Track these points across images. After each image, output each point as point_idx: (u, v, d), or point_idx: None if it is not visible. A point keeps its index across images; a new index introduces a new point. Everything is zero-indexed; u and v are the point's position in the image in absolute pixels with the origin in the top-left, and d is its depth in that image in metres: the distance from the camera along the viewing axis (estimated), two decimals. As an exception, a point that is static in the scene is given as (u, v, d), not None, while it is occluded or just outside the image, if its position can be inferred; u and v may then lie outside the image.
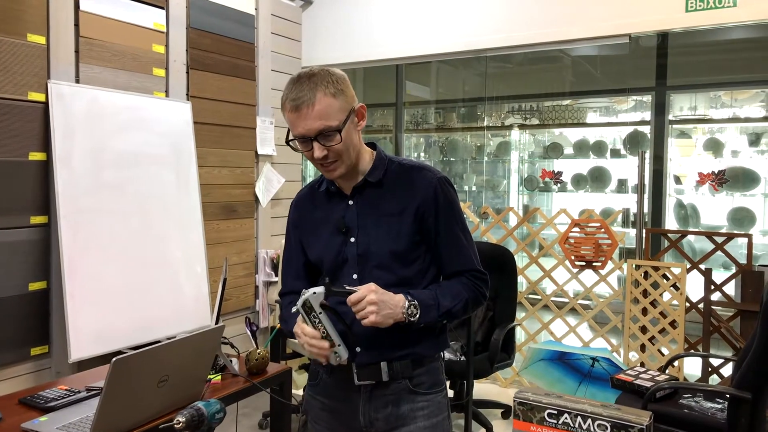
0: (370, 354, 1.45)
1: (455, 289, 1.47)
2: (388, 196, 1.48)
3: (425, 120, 6.47)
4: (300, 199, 1.63)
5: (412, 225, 1.46)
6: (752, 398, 2.33)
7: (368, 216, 1.48)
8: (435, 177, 1.49)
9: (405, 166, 1.52)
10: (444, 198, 1.48)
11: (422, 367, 1.49)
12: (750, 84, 5.29)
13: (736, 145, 5.44)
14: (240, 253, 4.05)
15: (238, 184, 4.00)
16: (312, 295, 1.36)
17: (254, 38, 4.05)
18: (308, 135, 1.37)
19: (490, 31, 4.20)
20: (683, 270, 3.58)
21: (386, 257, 1.45)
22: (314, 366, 1.57)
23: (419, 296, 1.42)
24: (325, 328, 1.37)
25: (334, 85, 1.39)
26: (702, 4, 3.41)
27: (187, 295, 3.45)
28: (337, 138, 1.38)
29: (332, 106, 1.37)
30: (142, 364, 1.54)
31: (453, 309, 1.46)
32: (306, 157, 1.45)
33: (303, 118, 1.36)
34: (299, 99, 1.36)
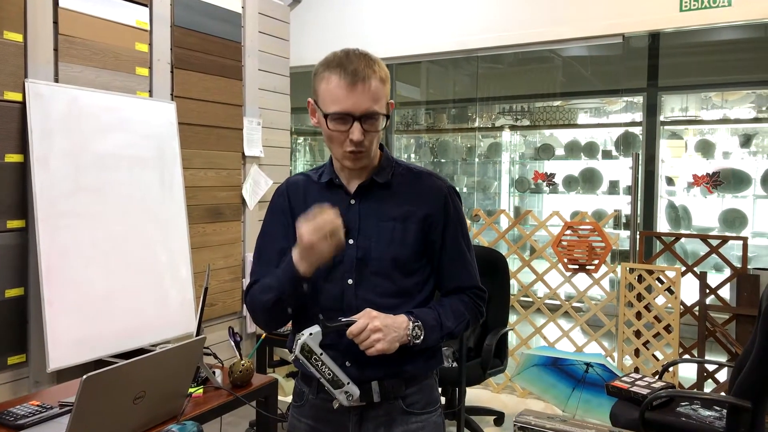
0: (359, 371, 1.35)
1: (457, 309, 1.41)
2: (394, 199, 1.40)
3: (415, 121, 6.41)
4: (292, 185, 1.49)
5: (417, 233, 1.38)
6: (752, 407, 2.27)
7: (371, 218, 1.39)
8: (445, 186, 1.43)
9: (413, 171, 1.44)
10: (454, 209, 1.42)
11: (415, 385, 1.40)
12: (740, 85, 5.26)
13: (727, 147, 5.42)
14: (226, 257, 3.95)
15: (225, 187, 3.90)
16: (309, 337, 1.27)
17: (241, 37, 3.96)
18: (354, 113, 1.27)
19: (481, 30, 4.14)
20: (678, 273, 3.52)
21: (387, 264, 1.36)
22: (299, 385, 1.47)
23: (422, 316, 1.34)
24: (330, 370, 1.28)
25: (384, 71, 1.33)
26: (696, 3, 3.36)
27: (171, 300, 3.35)
28: (379, 124, 1.31)
29: (381, 92, 1.31)
30: (115, 380, 1.45)
31: (455, 330, 1.39)
32: (333, 140, 1.32)
33: (356, 94, 1.26)
34: (357, 73, 1.26)
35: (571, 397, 3.59)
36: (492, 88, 5.99)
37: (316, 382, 1.39)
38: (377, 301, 1.34)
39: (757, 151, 5.36)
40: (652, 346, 3.64)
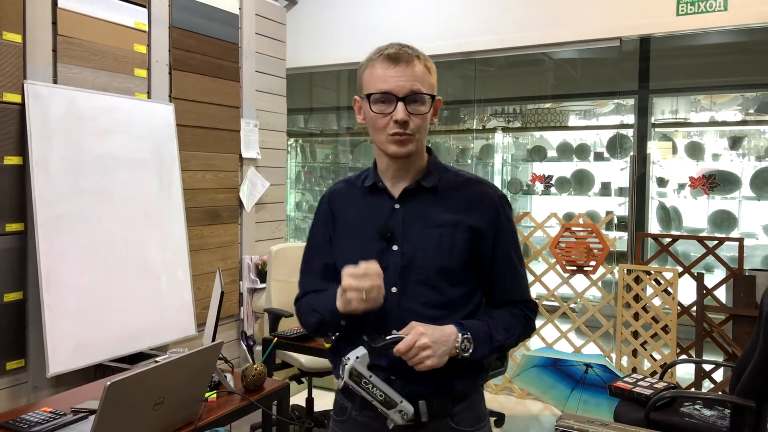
0: (405, 385, 1.28)
1: (508, 322, 1.34)
2: (441, 205, 1.32)
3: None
4: (334, 194, 1.45)
5: (466, 242, 1.30)
6: (756, 406, 2.31)
7: (415, 224, 1.32)
8: (496, 194, 1.36)
9: (462, 177, 1.38)
10: (505, 220, 1.35)
11: (463, 402, 1.34)
12: (728, 88, 5.33)
13: (716, 148, 5.49)
14: (224, 260, 3.92)
15: (222, 189, 3.88)
16: (356, 362, 1.21)
17: (238, 39, 3.94)
18: (397, 93, 1.24)
19: (480, 33, 4.15)
20: (675, 274, 3.56)
21: (433, 273, 1.29)
22: (341, 400, 1.40)
23: (472, 328, 1.28)
24: (382, 391, 1.23)
25: (429, 62, 1.31)
26: (693, 7, 3.40)
27: (170, 303, 3.32)
28: (425, 106, 1.27)
29: (426, 76, 1.28)
30: (137, 386, 1.44)
31: (505, 343, 1.32)
32: (376, 125, 1.28)
33: (398, 73, 1.24)
34: (399, 54, 1.25)
35: (570, 398, 3.61)
36: (484, 90, 6.01)
37: (360, 398, 1.31)
38: (421, 312, 1.28)
39: (745, 153, 5.43)
40: (650, 347, 3.68)
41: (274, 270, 3.47)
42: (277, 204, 4.42)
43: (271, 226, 4.34)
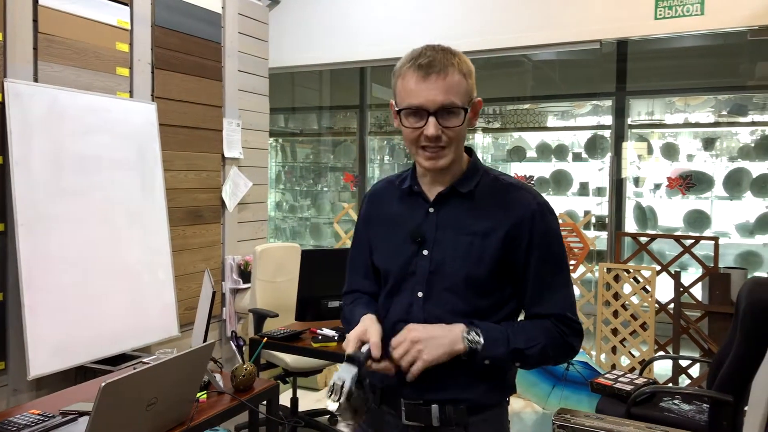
0: (420, 388, 1.26)
1: (531, 331, 1.27)
2: (476, 211, 1.28)
3: (388, 123, 6.43)
4: (375, 194, 1.44)
5: (498, 251, 1.25)
6: (733, 401, 2.37)
7: (448, 229, 1.28)
8: (534, 201, 1.28)
9: (502, 182, 1.32)
10: (542, 227, 1.27)
11: (480, 414, 1.28)
12: (703, 90, 5.45)
13: (690, 149, 5.61)
14: (206, 260, 3.90)
15: (205, 189, 3.86)
16: (350, 382, 1.20)
17: (221, 38, 3.92)
18: (429, 108, 1.19)
19: (461, 35, 4.19)
20: (653, 273, 3.64)
21: (460, 281, 1.25)
22: None
23: (483, 325, 1.23)
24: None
25: (466, 65, 1.23)
26: (670, 11, 3.48)
27: (152, 304, 3.30)
28: (458, 119, 1.21)
29: (461, 85, 1.21)
30: (131, 387, 1.43)
31: (526, 350, 1.24)
32: (408, 137, 1.24)
33: (430, 86, 1.18)
34: (432, 65, 1.18)
35: (551, 395, 3.67)
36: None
37: (379, 390, 1.34)
38: (446, 319, 1.25)
39: (718, 154, 5.56)
40: (629, 344, 3.75)
41: (258, 270, 3.46)
42: (259, 204, 4.40)
43: (253, 226, 4.33)
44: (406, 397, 1.29)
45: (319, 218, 6.97)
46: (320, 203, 6.97)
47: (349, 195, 6.76)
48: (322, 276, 2.73)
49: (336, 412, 1.26)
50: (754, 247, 5.25)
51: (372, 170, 6.36)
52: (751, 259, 5.20)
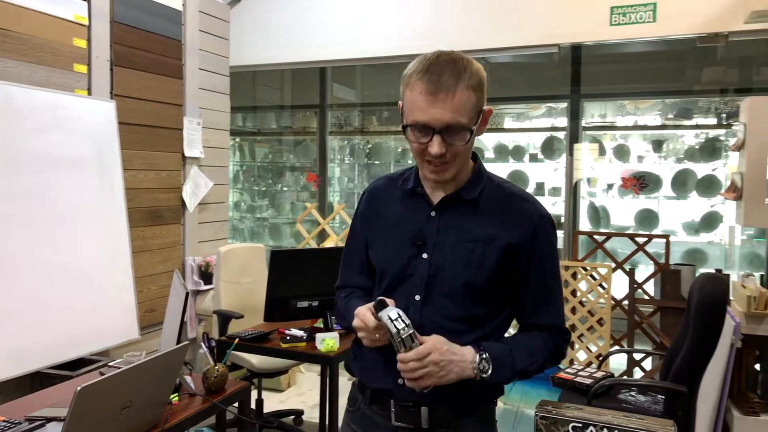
0: (410, 391, 1.26)
1: (534, 345, 1.29)
2: (478, 218, 1.29)
3: (348, 123, 6.44)
4: (374, 191, 1.43)
5: (498, 260, 1.26)
6: (688, 391, 2.49)
7: (450, 235, 1.29)
8: (538, 213, 1.30)
9: (506, 190, 1.33)
10: (543, 240, 1.29)
11: (471, 416, 1.30)
12: (651, 94, 5.66)
13: (640, 151, 5.82)
14: (166, 261, 3.83)
15: (165, 188, 3.79)
16: (399, 315, 1.19)
17: (181, 35, 3.85)
18: (434, 126, 1.19)
19: (422, 36, 4.24)
20: (609, 270, 3.77)
21: (459, 288, 1.25)
22: (354, 392, 1.43)
23: (491, 350, 1.24)
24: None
25: (476, 77, 1.21)
26: (624, 18, 3.61)
27: (111, 307, 3.22)
28: (463, 137, 1.21)
29: (470, 101, 1.19)
30: (106, 391, 1.41)
31: (528, 369, 1.27)
32: (413, 149, 1.25)
33: (437, 105, 1.17)
34: (441, 83, 1.17)
35: (512, 391, 3.76)
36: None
37: (370, 391, 1.35)
38: (442, 324, 1.26)
39: (666, 156, 5.78)
40: (587, 339, 3.88)
41: (222, 271, 3.42)
42: (220, 204, 4.35)
43: (214, 227, 4.27)
44: (396, 399, 1.30)
45: (278, 218, 6.92)
46: (279, 203, 6.92)
47: (308, 195, 6.74)
48: (292, 276, 2.72)
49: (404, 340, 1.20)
50: (700, 245, 5.48)
51: (332, 170, 6.35)
52: (696, 256, 5.43)
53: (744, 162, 2.97)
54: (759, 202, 2.90)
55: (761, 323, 2.85)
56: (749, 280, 3.05)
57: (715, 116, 5.36)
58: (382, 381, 1.32)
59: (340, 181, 6.60)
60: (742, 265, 5.21)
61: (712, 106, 5.35)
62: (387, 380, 1.31)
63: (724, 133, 5.27)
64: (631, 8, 3.57)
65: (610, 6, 3.60)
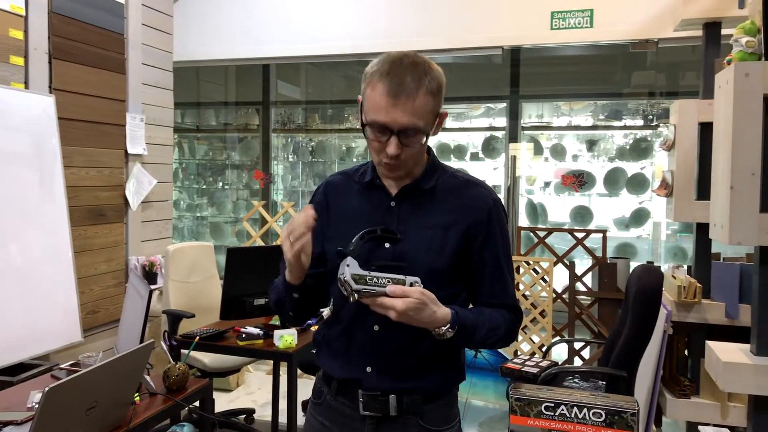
0: (379, 379, 1.32)
1: (496, 322, 1.34)
2: (436, 206, 1.34)
3: (291, 120, 6.41)
4: (331, 184, 1.45)
5: (458, 243, 1.32)
6: (627, 375, 2.65)
7: (410, 223, 1.33)
8: (491, 198, 1.37)
9: (459, 178, 1.39)
10: (498, 223, 1.36)
11: (435, 401, 1.35)
12: (584, 96, 5.92)
13: (575, 150, 6.08)
14: (108, 261, 3.72)
15: (107, 186, 3.68)
16: (350, 268, 1.17)
17: (124, 29, 3.75)
18: (392, 128, 1.23)
19: (368, 36, 4.28)
20: (551, 264, 3.94)
21: (421, 273, 1.27)
22: (319, 383, 1.44)
23: (463, 321, 1.27)
24: (388, 278, 1.19)
25: (435, 82, 1.26)
26: (564, 23, 3.78)
27: (52, 309, 3.11)
28: (419, 140, 1.26)
29: (428, 106, 1.24)
30: (74, 390, 1.38)
31: (484, 342, 1.34)
32: (371, 146, 1.29)
33: (398, 108, 1.21)
34: (403, 86, 1.21)
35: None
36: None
37: (336, 382, 1.37)
38: None
39: (599, 155, 6.07)
40: (530, 330, 4.03)
41: (171, 270, 3.36)
42: (164, 202, 4.26)
43: (157, 226, 4.18)
44: (364, 388, 1.33)
45: (218, 217, 6.80)
46: (220, 202, 6.81)
47: (248, 193, 6.66)
48: (248, 274, 2.71)
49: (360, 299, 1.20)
50: (630, 240, 5.78)
51: (276, 168, 6.31)
52: (627, 250, 5.73)
53: (674, 161, 3.17)
54: (688, 199, 3.10)
55: (690, 311, 3.04)
56: (679, 271, 3.26)
57: (643, 118, 5.67)
58: (350, 371, 1.35)
59: (284, 180, 6.56)
60: (667, 258, 5.55)
61: (640, 108, 5.65)
62: (354, 370, 1.34)
63: (651, 133, 5.59)
64: (570, 14, 3.75)
65: (551, 11, 3.76)
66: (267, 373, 4.37)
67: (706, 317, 3.04)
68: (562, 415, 1.06)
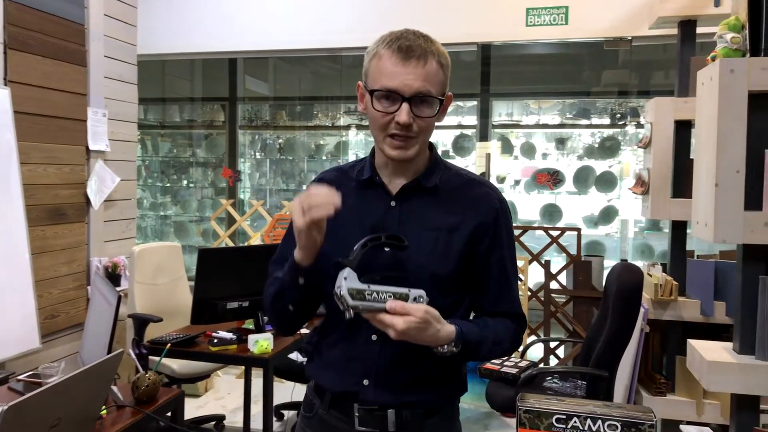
0: (377, 393, 1.23)
1: (501, 335, 1.26)
2: (440, 206, 1.25)
3: (259, 117, 6.27)
4: (325, 181, 1.31)
5: (464, 247, 1.23)
6: (608, 375, 2.62)
7: (411, 225, 1.23)
8: (497, 198, 1.29)
9: (464, 177, 1.31)
10: (504, 226, 1.28)
11: (436, 416, 1.27)
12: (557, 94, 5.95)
13: (545, 148, 6.10)
14: (69, 263, 3.54)
15: (67, 184, 3.50)
16: (348, 282, 1.08)
17: (85, 19, 3.57)
18: (404, 93, 1.13)
19: (340, 30, 4.19)
20: (526, 262, 3.91)
21: (426, 279, 1.19)
22: (311, 396, 1.34)
23: (467, 338, 1.18)
24: (389, 292, 1.10)
25: (444, 57, 1.19)
26: (539, 20, 3.75)
27: (8, 314, 2.93)
28: (432, 109, 1.17)
29: (438, 75, 1.17)
30: (35, 408, 1.26)
31: (487, 357, 1.28)
32: (376, 122, 1.18)
33: (409, 70, 1.13)
34: (412, 48, 1.13)
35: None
36: (334, 87, 6.07)
37: (329, 395, 1.27)
38: None
39: (568, 153, 6.10)
40: (505, 330, 4.00)
41: (137, 272, 3.21)
42: (127, 201, 4.09)
43: (120, 225, 4.00)
44: (360, 402, 1.24)
45: (183, 216, 6.62)
46: (185, 201, 6.62)
47: (212, 191, 6.50)
48: (220, 276, 2.59)
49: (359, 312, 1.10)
50: (599, 237, 5.83)
51: (243, 166, 6.16)
52: (596, 248, 5.77)
53: (650, 158, 3.17)
54: (664, 196, 3.10)
55: (666, 309, 3.05)
56: (655, 269, 3.26)
57: (610, 117, 5.71)
58: (345, 383, 1.26)
59: (251, 178, 6.41)
60: (635, 255, 5.60)
61: (608, 107, 5.70)
62: (350, 382, 1.25)
63: (619, 132, 5.64)
64: (545, 10, 3.72)
65: (526, 7, 3.73)
66: (237, 377, 4.23)
67: (681, 315, 3.04)
68: (574, 427, 1.00)
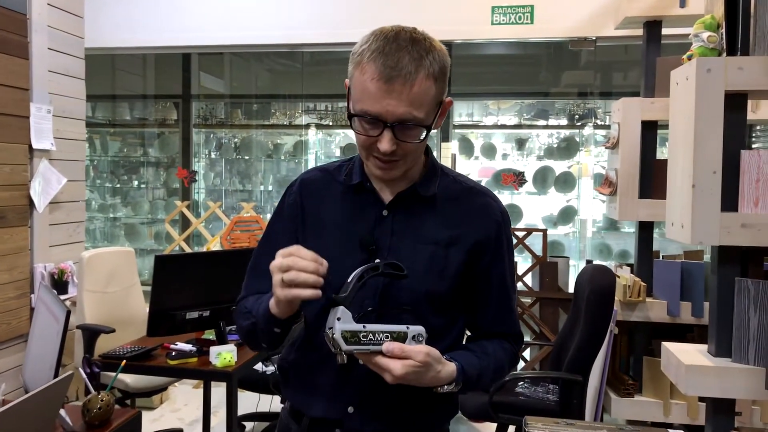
0: (362, 421, 1.12)
1: (500, 362, 1.18)
2: (437, 218, 1.14)
3: (214, 115, 6.06)
4: (308, 183, 1.20)
5: (461, 265, 1.13)
6: (582, 380, 2.58)
7: (405, 237, 1.13)
8: (499, 210, 1.18)
9: (463, 185, 1.19)
10: (506, 241, 1.18)
11: None
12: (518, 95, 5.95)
13: (505, 149, 6.11)
14: (10, 270, 3.30)
15: (8, 185, 3.26)
16: (341, 323, 0.99)
17: (26, 8, 3.33)
18: (386, 119, 1.02)
19: (301, 25, 4.06)
20: (492, 264, 3.86)
21: (420, 297, 1.10)
22: (286, 420, 1.21)
23: (467, 375, 1.10)
24: (386, 332, 1.01)
25: (438, 65, 1.04)
26: (504, 18, 3.71)
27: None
28: (417, 134, 1.05)
29: (429, 93, 1.03)
30: (-29, 444, 1.10)
31: (486, 386, 1.20)
32: (359, 141, 1.08)
33: (393, 95, 1.00)
34: (398, 69, 0.99)
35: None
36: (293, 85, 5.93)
37: (308, 420, 1.15)
38: None
39: (528, 153, 6.12)
40: (472, 333, 3.94)
41: (86, 279, 3.00)
42: (75, 203, 3.86)
43: (68, 229, 3.77)
44: (344, 429, 1.13)
45: (134, 218, 6.34)
46: (136, 202, 6.35)
47: (164, 192, 6.26)
48: (179, 285, 2.42)
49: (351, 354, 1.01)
50: (558, 237, 5.86)
51: (197, 165, 5.94)
52: (556, 248, 5.80)
53: (618, 159, 3.16)
54: (632, 197, 3.09)
55: (635, 310, 3.04)
56: (623, 270, 3.25)
57: (568, 118, 5.75)
58: (326, 409, 1.14)
59: (206, 178, 6.19)
60: (593, 255, 5.65)
61: (567, 108, 5.74)
62: (333, 409, 1.13)
63: (577, 133, 5.68)
64: (511, 9, 3.69)
65: (492, 6, 3.68)
66: (194, 387, 4.04)
67: (649, 315, 3.04)
68: (586, 453, 0.91)
